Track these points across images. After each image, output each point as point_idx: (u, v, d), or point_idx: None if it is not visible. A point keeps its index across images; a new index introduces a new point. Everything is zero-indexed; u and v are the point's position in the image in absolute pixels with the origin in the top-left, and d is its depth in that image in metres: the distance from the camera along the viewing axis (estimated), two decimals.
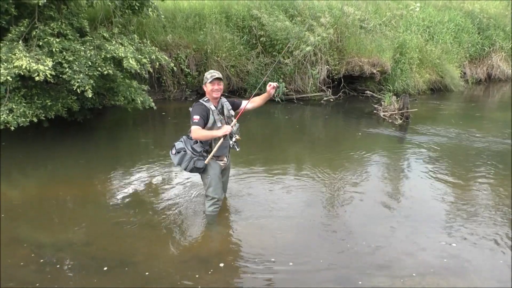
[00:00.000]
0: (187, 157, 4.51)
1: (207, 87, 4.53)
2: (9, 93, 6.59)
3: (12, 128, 6.43)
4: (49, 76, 6.29)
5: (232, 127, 4.49)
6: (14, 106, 6.52)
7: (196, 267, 4.04)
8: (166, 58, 8.59)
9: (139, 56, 7.61)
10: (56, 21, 7.02)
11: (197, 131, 4.38)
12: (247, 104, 4.77)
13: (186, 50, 11.57)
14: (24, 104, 6.67)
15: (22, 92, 6.80)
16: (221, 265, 4.09)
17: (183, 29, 11.95)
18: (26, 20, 6.88)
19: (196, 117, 4.39)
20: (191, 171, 4.60)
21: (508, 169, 6.76)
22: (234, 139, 4.61)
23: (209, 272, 3.95)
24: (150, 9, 8.50)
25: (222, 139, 4.43)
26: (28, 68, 6.10)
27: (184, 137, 4.68)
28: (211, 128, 4.50)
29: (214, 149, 4.47)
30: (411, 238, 4.60)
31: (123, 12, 8.16)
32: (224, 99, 4.74)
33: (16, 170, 6.46)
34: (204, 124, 4.45)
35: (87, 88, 6.71)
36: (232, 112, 4.74)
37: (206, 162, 4.51)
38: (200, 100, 4.60)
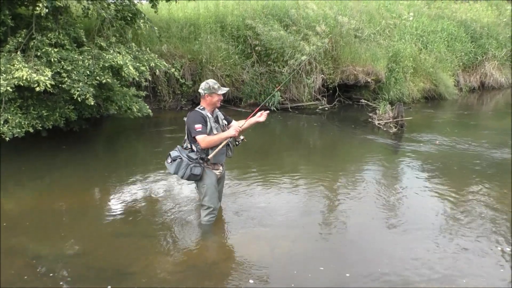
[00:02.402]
0: (184, 164, 4.49)
1: (213, 97, 4.54)
2: (4, 104, 6.58)
3: (7, 139, 6.42)
4: (49, 86, 6.30)
5: (241, 127, 4.55)
6: (9, 117, 6.52)
7: (193, 277, 4.03)
8: (166, 64, 8.60)
9: (137, 64, 7.62)
10: (53, 32, 7.05)
11: (205, 139, 4.40)
12: (250, 117, 4.76)
13: (181, 59, 11.60)
14: (19, 114, 6.67)
15: (18, 103, 6.79)
16: (219, 275, 4.09)
17: (178, 39, 12.00)
18: (24, 30, 6.90)
19: (198, 126, 4.40)
20: (188, 178, 4.58)
21: (503, 177, 6.80)
22: (240, 141, 4.77)
23: (207, 282, 3.95)
24: (142, 21, 8.52)
25: (223, 143, 4.48)
26: (28, 79, 6.12)
27: (178, 146, 4.68)
28: (208, 135, 4.51)
29: (217, 149, 4.48)
30: (408, 247, 4.61)
31: (115, 22, 8.18)
32: (217, 109, 4.77)
33: (13, 181, 6.41)
34: (206, 130, 4.47)
35: (88, 96, 6.73)
36: (225, 122, 4.79)
37: (210, 156, 4.50)
38: (196, 109, 4.62)
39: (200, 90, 4.59)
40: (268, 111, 4.78)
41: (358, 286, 3.92)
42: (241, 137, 4.77)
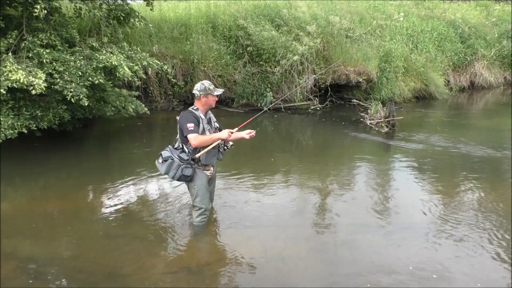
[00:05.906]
0: (175, 165, 4.49)
1: (209, 99, 4.58)
2: None
3: (0, 141, 6.39)
4: (43, 88, 6.27)
5: (232, 132, 4.53)
6: (1, 119, 6.48)
7: (185, 279, 4.04)
8: (158, 62, 8.59)
9: (131, 64, 7.61)
10: (44, 32, 7.01)
11: (197, 138, 4.39)
12: (236, 129, 4.71)
13: (172, 60, 11.58)
14: (11, 116, 6.63)
15: (10, 104, 6.75)
16: (211, 276, 4.10)
17: (169, 40, 11.97)
18: (14, 31, 6.86)
19: (190, 125, 4.39)
20: (179, 179, 4.58)
21: (495, 175, 6.88)
22: (229, 145, 4.80)
23: (199, 283, 3.96)
24: (136, 19, 8.50)
25: (214, 144, 4.47)
26: (26, 82, 6.09)
27: (169, 146, 4.69)
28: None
29: (206, 149, 4.47)
30: (400, 247, 4.64)
31: (108, 23, 8.16)
32: (209, 111, 4.78)
33: (5, 182, 6.37)
34: (198, 130, 4.47)
35: (81, 96, 6.71)
36: (217, 125, 4.81)
37: (198, 155, 4.49)
38: (189, 109, 4.62)
39: (195, 91, 4.59)
40: (254, 131, 4.71)
41: (350, 287, 3.95)
42: (230, 143, 4.80)
